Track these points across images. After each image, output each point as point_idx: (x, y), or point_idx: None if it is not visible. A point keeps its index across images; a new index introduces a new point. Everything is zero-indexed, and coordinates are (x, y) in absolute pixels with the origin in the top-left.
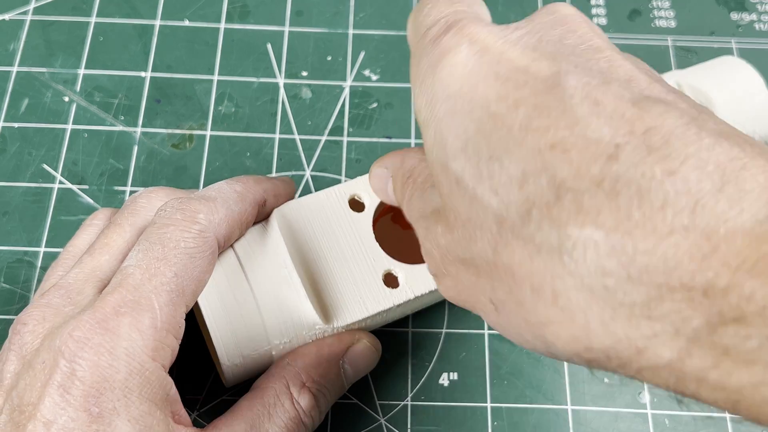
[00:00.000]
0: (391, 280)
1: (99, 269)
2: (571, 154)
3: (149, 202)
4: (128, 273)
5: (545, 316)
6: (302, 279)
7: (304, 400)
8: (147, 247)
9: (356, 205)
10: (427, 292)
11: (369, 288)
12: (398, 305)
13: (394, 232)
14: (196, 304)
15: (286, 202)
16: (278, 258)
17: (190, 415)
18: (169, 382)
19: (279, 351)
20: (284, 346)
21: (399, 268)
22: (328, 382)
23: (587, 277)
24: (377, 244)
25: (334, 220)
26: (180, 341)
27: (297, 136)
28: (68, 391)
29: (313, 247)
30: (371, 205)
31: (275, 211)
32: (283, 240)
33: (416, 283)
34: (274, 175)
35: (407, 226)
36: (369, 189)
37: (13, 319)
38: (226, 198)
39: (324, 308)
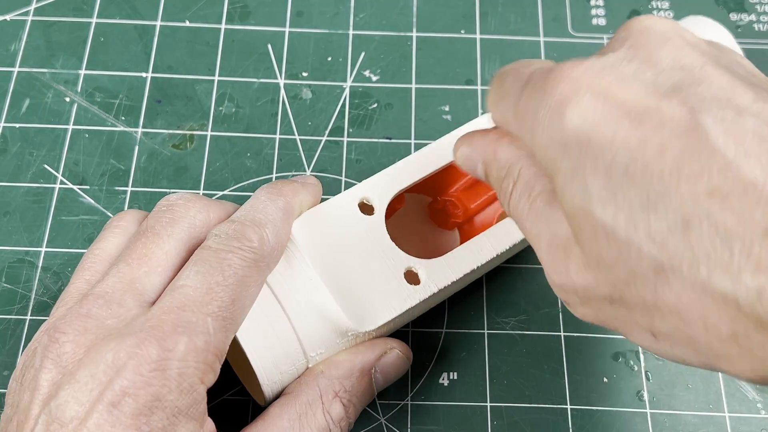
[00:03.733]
0: (412, 277)
1: (138, 281)
2: (731, 201)
3: (187, 212)
4: (187, 294)
5: (721, 351)
6: (330, 289)
7: (335, 411)
8: (206, 270)
9: (366, 209)
10: (449, 283)
11: (393, 288)
12: (423, 300)
13: (408, 228)
14: None
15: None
16: (303, 271)
17: None
18: (206, 400)
19: (314, 361)
20: (319, 357)
21: (419, 265)
22: (359, 391)
23: (765, 318)
24: (393, 243)
25: (347, 225)
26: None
27: (297, 137)
28: (119, 409)
29: (332, 255)
30: (381, 206)
31: (294, 223)
32: (306, 252)
33: (437, 276)
34: (274, 175)
35: (420, 222)
36: (376, 191)
37: (13, 320)
38: (275, 222)
39: (353, 313)
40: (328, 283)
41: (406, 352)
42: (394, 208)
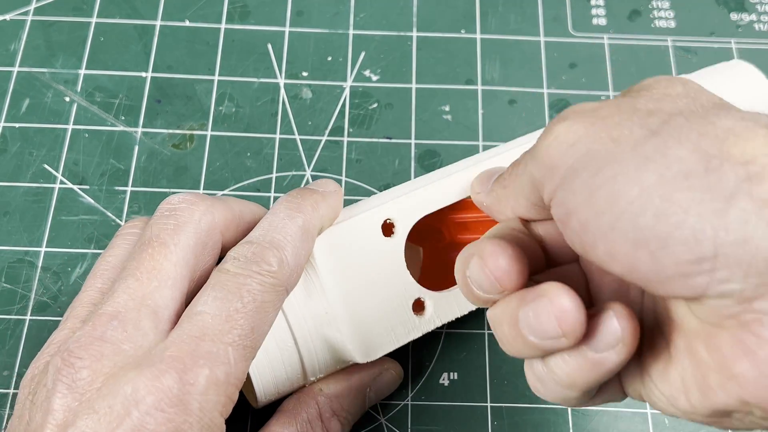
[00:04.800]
0: (418, 307)
1: (150, 298)
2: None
3: (191, 215)
4: (206, 321)
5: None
6: (341, 318)
7: (333, 428)
8: (225, 296)
9: (388, 229)
10: (453, 319)
11: (399, 317)
12: (425, 333)
13: (423, 257)
14: None
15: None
16: (319, 301)
17: None
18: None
19: (311, 381)
20: (316, 378)
21: (427, 297)
22: (354, 409)
23: None
24: (407, 270)
25: (368, 247)
26: None
27: (297, 137)
28: None
29: (348, 277)
30: (402, 230)
31: (315, 246)
32: (325, 280)
33: (443, 310)
34: (274, 175)
35: (438, 254)
36: (401, 213)
37: (13, 320)
38: (294, 242)
39: (359, 344)
40: (341, 313)
41: (399, 372)
42: (414, 236)
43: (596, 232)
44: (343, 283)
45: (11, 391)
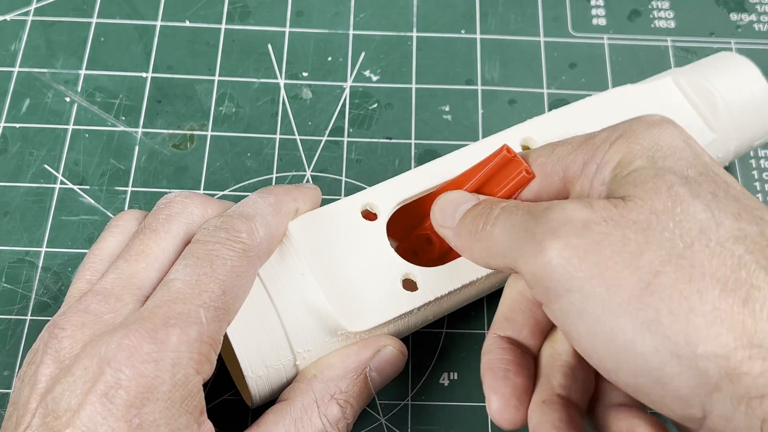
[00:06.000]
0: (409, 285)
1: (136, 277)
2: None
3: (184, 208)
4: (177, 287)
5: None
6: (322, 286)
7: (331, 413)
8: (195, 263)
9: (368, 216)
10: (446, 293)
11: (389, 292)
12: (418, 308)
13: (410, 242)
14: None
15: (312, 209)
16: (296, 267)
17: None
18: (203, 394)
19: (303, 361)
20: (307, 355)
21: (417, 272)
22: (356, 392)
23: None
24: (393, 250)
25: (348, 229)
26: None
27: (297, 137)
28: (110, 400)
29: (329, 256)
30: (383, 213)
31: (290, 223)
32: (301, 249)
33: (435, 285)
34: (275, 176)
35: (424, 240)
36: (381, 199)
37: (14, 320)
38: (263, 214)
39: (345, 312)
40: (323, 282)
41: (400, 347)
42: (396, 221)
43: (590, 346)
44: (321, 256)
45: (11, 391)
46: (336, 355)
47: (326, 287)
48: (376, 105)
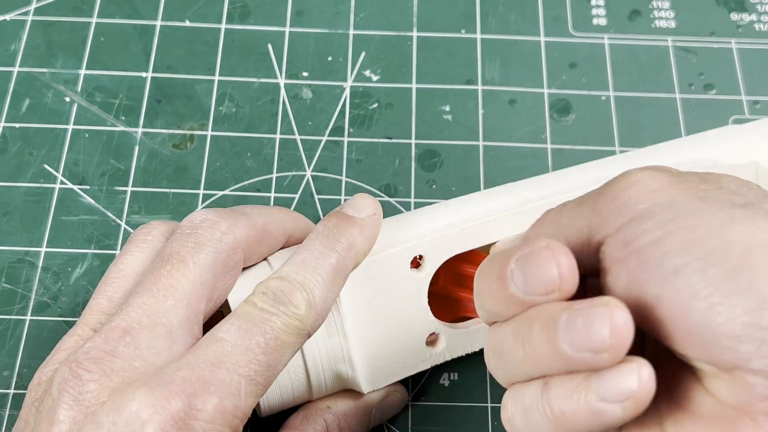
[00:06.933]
0: (432, 341)
1: (165, 316)
2: None
3: (212, 235)
4: (225, 350)
5: None
6: (355, 350)
7: None
8: (249, 329)
9: (415, 263)
10: (463, 354)
11: (412, 351)
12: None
13: (448, 276)
14: None
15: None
16: (339, 339)
17: None
18: None
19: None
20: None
21: (442, 332)
22: (358, 427)
23: None
24: (428, 307)
25: (394, 281)
26: None
27: (298, 137)
28: None
29: (370, 312)
30: (430, 267)
31: (343, 291)
32: (347, 323)
33: (455, 346)
34: (275, 175)
35: (461, 282)
36: (434, 249)
37: (14, 320)
38: (324, 285)
39: (368, 376)
40: (358, 348)
41: (403, 394)
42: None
43: (655, 273)
44: (364, 322)
45: (11, 391)
46: (349, 392)
47: (360, 359)
48: (376, 105)
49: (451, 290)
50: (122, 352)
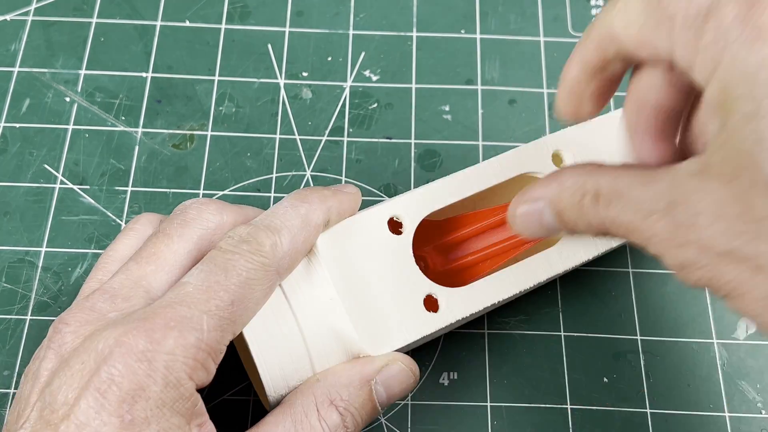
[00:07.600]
0: (431, 304)
1: (144, 279)
2: None
3: (199, 214)
4: (187, 290)
5: None
6: (348, 309)
7: (330, 418)
8: (210, 270)
9: (395, 226)
10: (467, 315)
11: (410, 312)
12: (438, 329)
13: (436, 257)
14: (241, 333)
15: (350, 215)
16: (324, 288)
17: None
18: (198, 398)
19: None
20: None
21: (440, 292)
22: (358, 402)
23: None
24: (417, 266)
25: (374, 242)
26: (217, 366)
27: (297, 137)
28: (104, 395)
29: (355, 271)
30: (410, 226)
31: (320, 238)
32: (329, 269)
33: (456, 306)
34: (275, 175)
35: (449, 256)
36: (408, 210)
37: (14, 320)
38: (291, 227)
39: (367, 335)
40: (348, 304)
41: (411, 365)
42: (422, 235)
43: None
44: (347, 273)
45: (11, 391)
46: (342, 363)
47: (351, 309)
48: (376, 105)
49: (443, 267)
50: (99, 306)
